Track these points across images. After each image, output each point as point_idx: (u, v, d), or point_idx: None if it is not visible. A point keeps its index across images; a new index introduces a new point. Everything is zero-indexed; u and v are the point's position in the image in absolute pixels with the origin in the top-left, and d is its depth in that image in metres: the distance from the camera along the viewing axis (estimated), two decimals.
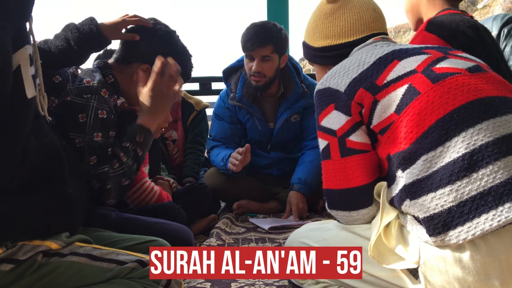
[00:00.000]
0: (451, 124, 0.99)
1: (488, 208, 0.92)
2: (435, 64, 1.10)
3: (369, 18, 1.31)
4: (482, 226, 0.92)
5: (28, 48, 0.92)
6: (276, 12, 3.36)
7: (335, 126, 1.15)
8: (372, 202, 1.17)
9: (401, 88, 1.08)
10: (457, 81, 1.04)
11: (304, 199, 2.23)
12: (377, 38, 1.29)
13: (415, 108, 1.04)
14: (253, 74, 2.23)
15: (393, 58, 1.14)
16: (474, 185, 0.94)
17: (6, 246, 0.93)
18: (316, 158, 2.31)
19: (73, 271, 1.00)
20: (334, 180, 1.19)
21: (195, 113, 2.63)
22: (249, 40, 2.20)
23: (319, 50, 1.36)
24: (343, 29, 1.31)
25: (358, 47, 1.29)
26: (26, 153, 0.91)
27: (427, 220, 0.98)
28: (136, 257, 1.06)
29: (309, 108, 2.38)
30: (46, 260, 0.98)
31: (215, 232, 1.91)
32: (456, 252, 0.96)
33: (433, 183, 0.98)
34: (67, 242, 1.02)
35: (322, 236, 1.26)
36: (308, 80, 2.43)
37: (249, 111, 2.37)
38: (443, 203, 0.96)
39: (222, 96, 2.47)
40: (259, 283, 1.39)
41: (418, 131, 1.02)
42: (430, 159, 0.99)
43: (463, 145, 0.97)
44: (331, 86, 1.17)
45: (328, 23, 1.34)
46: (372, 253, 1.07)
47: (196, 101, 2.66)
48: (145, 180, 1.77)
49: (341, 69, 1.19)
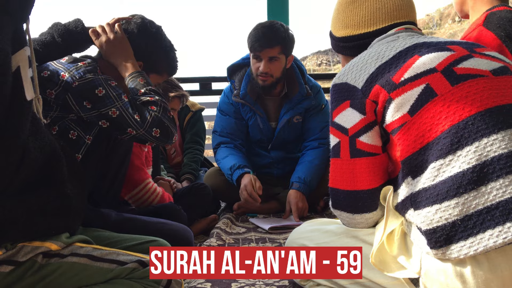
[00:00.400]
0: (465, 132, 0.93)
1: (494, 223, 0.87)
2: (458, 63, 1.03)
3: (392, 6, 1.23)
4: (486, 243, 0.88)
5: (27, 50, 0.91)
6: (276, 11, 3.36)
7: (348, 124, 1.11)
8: (377, 207, 1.14)
9: (417, 87, 1.01)
10: (478, 84, 0.98)
11: (304, 198, 2.23)
12: (400, 29, 1.21)
13: (429, 111, 0.98)
14: (260, 74, 2.23)
15: (414, 52, 1.08)
16: (482, 199, 0.89)
17: (5, 248, 0.93)
18: (316, 158, 2.31)
19: (74, 272, 1.00)
20: (340, 180, 1.16)
21: (191, 114, 2.67)
22: (257, 40, 2.19)
23: (341, 40, 1.31)
24: (363, 18, 1.25)
25: (378, 38, 1.22)
26: (25, 155, 0.91)
27: (429, 232, 0.95)
28: (136, 257, 1.06)
29: (311, 110, 2.38)
30: (46, 261, 0.98)
31: (215, 232, 1.90)
32: (457, 266, 0.92)
33: (439, 194, 0.93)
34: (67, 243, 1.02)
35: (323, 239, 1.24)
36: (311, 81, 2.43)
37: (252, 109, 2.37)
38: (447, 216, 0.92)
39: (226, 92, 2.46)
40: (259, 283, 1.38)
41: (430, 136, 0.97)
42: (438, 167, 0.95)
43: (474, 156, 0.91)
44: (349, 81, 1.12)
45: (349, 11, 1.28)
46: (374, 259, 1.05)
47: (191, 103, 2.70)
48: (148, 181, 1.78)
49: (359, 62, 1.14)
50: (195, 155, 2.60)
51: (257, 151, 2.48)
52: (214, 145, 2.48)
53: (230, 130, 2.43)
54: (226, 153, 2.37)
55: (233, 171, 2.26)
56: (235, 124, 2.42)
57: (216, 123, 2.50)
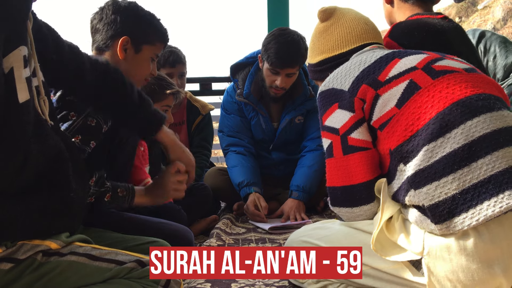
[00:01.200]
0: (451, 117, 1.04)
1: (489, 195, 0.96)
2: (434, 62, 1.15)
3: (360, 30, 1.38)
4: (485, 212, 0.95)
5: (23, 49, 0.89)
6: (276, 12, 3.35)
7: (338, 124, 1.19)
8: (374, 199, 1.19)
9: (402, 83, 1.13)
10: (455, 78, 1.10)
11: (302, 206, 2.23)
12: (374, 46, 1.35)
13: (416, 102, 1.09)
14: (275, 88, 2.22)
15: (394, 57, 1.20)
16: (475, 174, 0.98)
17: (5, 246, 0.93)
18: (315, 163, 2.31)
19: (73, 271, 0.99)
20: (336, 177, 1.21)
21: (200, 118, 2.57)
22: (279, 58, 2.14)
23: (317, 65, 1.43)
24: (336, 42, 1.39)
25: (356, 53, 1.34)
26: (27, 159, 0.90)
27: (432, 208, 1.01)
28: (135, 257, 1.06)
29: (313, 110, 2.38)
30: (45, 259, 0.98)
31: (215, 232, 1.90)
32: (460, 240, 0.98)
33: (436, 172, 1.01)
34: (66, 242, 1.02)
35: (323, 234, 1.27)
36: (313, 81, 2.44)
37: (255, 109, 2.37)
38: (447, 190, 0.99)
39: (230, 91, 2.45)
40: (259, 283, 1.38)
41: (419, 124, 1.06)
42: (431, 149, 1.03)
43: (462, 137, 1.01)
44: (335, 86, 1.22)
45: (323, 39, 1.42)
46: (374, 247, 1.08)
47: (202, 105, 2.61)
48: (147, 181, 1.77)
49: (343, 70, 1.24)
50: (201, 160, 2.52)
51: (259, 152, 2.48)
52: (223, 146, 2.46)
53: (237, 128, 2.42)
54: (235, 161, 2.35)
55: (241, 188, 2.27)
56: (241, 122, 2.42)
57: (222, 123, 2.48)
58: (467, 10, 14.02)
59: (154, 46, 1.54)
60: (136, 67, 1.52)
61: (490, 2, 12.33)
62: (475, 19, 13.33)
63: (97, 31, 1.51)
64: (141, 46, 1.50)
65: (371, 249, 1.09)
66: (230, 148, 2.42)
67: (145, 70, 1.54)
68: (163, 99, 1.90)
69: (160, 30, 1.55)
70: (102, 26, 1.49)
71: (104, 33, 1.49)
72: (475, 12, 13.76)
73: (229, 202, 2.44)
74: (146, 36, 1.51)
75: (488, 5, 12.30)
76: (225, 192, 2.38)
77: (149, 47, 1.52)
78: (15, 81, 0.87)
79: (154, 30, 1.53)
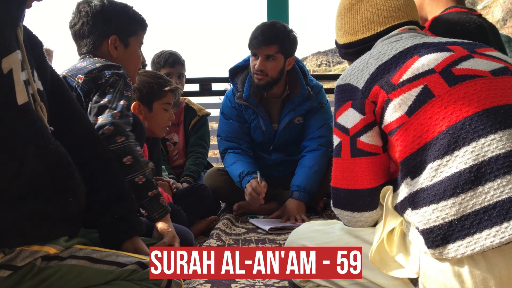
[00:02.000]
0: (462, 132, 0.94)
1: (491, 223, 0.87)
2: (456, 64, 1.03)
3: (388, 9, 1.24)
4: (483, 242, 0.87)
5: (19, 53, 0.91)
6: (276, 12, 3.35)
7: (349, 124, 1.12)
8: (377, 206, 1.14)
9: (415, 88, 1.02)
10: (476, 85, 0.98)
11: (303, 206, 2.24)
12: (403, 29, 1.22)
13: (427, 112, 0.99)
14: (255, 72, 2.24)
15: (414, 53, 1.08)
16: (479, 199, 0.89)
17: (4, 252, 0.92)
18: (316, 164, 2.30)
19: (73, 274, 0.99)
20: (341, 179, 1.17)
21: (197, 118, 2.66)
22: (255, 38, 2.21)
23: (343, 46, 1.34)
24: (360, 23, 1.27)
25: (382, 38, 1.23)
26: (23, 163, 0.89)
27: (426, 232, 0.95)
28: (136, 258, 1.06)
29: (312, 110, 2.38)
30: (45, 264, 0.97)
31: (215, 233, 1.90)
32: (455, 266, 0.92)
33: (436, 194, 0.94)
34: (65, 246, 1.01)
35: (323, 240, 1.24)
36: (313, 81, 2.43)
37: (255, 111, 2.36)
38: (444, 215, 0.92)
39: (229, 96, 2.45)
40: (259, 283, 1.38)
41: (428, 137, 0.98)
42: (436, 168, 0.95)
43: (471, 156, 0.91)
44: (351, 82, 1.14)
45: (347, 18, 1.30)
46: (372, 258, 1.05)
47: (198, 108, 2.71)
48: None
49: (361, 63, 1.15)
50: (197, 158, 2.59)
51: (258, 153, 2.48)
52: (221, 151, 2.47)
53: (235, 134, 2.43)
54: (234, 159, 2.36)
55: (242, 178, 2.26)
56: (239, 128, 2.42)
57: (220, 128, 2.49)
58: None
59: (138, 35, 1.60)
60: (129, 60, 1.57)
61: (490, 2, 12.32)
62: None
63: (82, 37, 1.54)
64: (128, 40, 1.56)
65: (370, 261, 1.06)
66: (228, 151, 2.43)
67: (137, 61, 1.61)
68: (163, 96, 1.92)
69: (138, 18, 1.60)
70: (87, 31, 1.53)
71: (90, 37, 1.53)
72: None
73: (229, 202, 2.44)
74: (129, 29, 1.56)
75: (487, 5, 12.30)
76: (225, 192, 2.38)
77: (135, 37, 1.58)
78: (14, 83, 0.88)
79: (134, 21, 1.58)
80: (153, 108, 1.91)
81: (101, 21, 1.52)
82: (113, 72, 1.43)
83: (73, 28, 1.55)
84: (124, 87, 1.43)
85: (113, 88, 1.40)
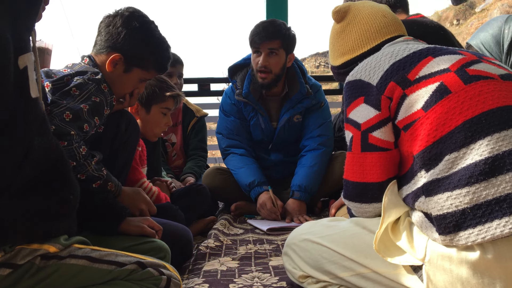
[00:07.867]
0: (478, 126, 0.98)
1: (501, 214, 0.92)
2: (469, 65, 1.08)
3: (379, 25, 1.32)
4: (493, 231, 0.91)
5: (32, 55, 0.94)
6: (275, 12, 3.36)
7: (361, 119, 1.15)
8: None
9: (432, 85, 1.06)
10: (489, 85, 1.03)
11: (304, 206, 2.24)
12: (408, 38, 1.29)
13: (443, 106, 1.03)
14: (259, 69, 2.24)
15: (428, 54, 1.13)
16: (492, 190, 0.93)
17: (4, 250, 0.92)
18: (316, 164, 2.31)
19: (72, 274, 0.99)
20: (351, 172, 1.19)
21: (195, 120, 2.67)
22: (257, 34, 2.23)
23: (340, 67, 1.38)
24: (356, 41, 1.33)
25: (388, 44, 1.28)
26: (29, 152, 0.91)
27: (439, 218, 0.98)
28: (135, 258, 1.06)
29: (311, 109, 2.39)
30: (44, 263, 0.97)
31: (213, 233, 1.90)
32: (463, 252, 0.96)
33: (451, 182, 0.97)
34: (65, 245, 1.01)
35: (327, 232, 1.25)
36: (311, 80, 2.44)
37: (254, 108, 2.37)
38: (458, 203, 0.96)
39: (228, 93, 2.46)
40: (257, 284, 1.38)
41: (444, 130, 1.01)
42: (452, 160, 0.99)
43: (487, 149, 0.96)
44: (363, 78, 1.16)
45: (341, 40, 1.36)
46: (377, 247, 1.07)
47: (196, 109, 2.72)
48: (143, 181, 1.77)
49: (373, 60, 1.18)
50: (199, 161, 2.62)
51: (257, 154, 2.48)
52: (223, 148, 2.46)
53: (236, 131, 2.43)
54: (241, 163, 2.36)
55: (252, 188, 2.27)
56: (240, 125, 2.43)
57: (221, 125, 2.49)
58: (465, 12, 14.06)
59: (147, 72, 1.53)
60: (119, 83, 1.50)
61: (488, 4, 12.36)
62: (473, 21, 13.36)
63: (99, 34, 1.50)
64: (132, 68, 1.50)
65: (375, 251, 1.07)
66: (231, 150, 2.42)
67: (126, 89, 1.53)
68: (163, 101, 1.90)
69: (161, 61, 1.53)
70: (105, 33, 1.48)
71: (104, 40, 1.49)
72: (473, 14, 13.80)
73: (227, 202, 2.44)
74: (141, 61, 1.50)
75: (486, 8, 12.33)
76: (223, 192, 2.38)
77: (141, 71, 1.52)
78: (29, 78, 0.91)
79: (154, 60, 1.52)
80: (151, 111, 1.89)
81: (122, 35, 1.46)
82: (86, 77, 1.38)
83: (101, 23, 1.51)
84: (95, 92, 1.37)
85: (79, 90, 1.35)
